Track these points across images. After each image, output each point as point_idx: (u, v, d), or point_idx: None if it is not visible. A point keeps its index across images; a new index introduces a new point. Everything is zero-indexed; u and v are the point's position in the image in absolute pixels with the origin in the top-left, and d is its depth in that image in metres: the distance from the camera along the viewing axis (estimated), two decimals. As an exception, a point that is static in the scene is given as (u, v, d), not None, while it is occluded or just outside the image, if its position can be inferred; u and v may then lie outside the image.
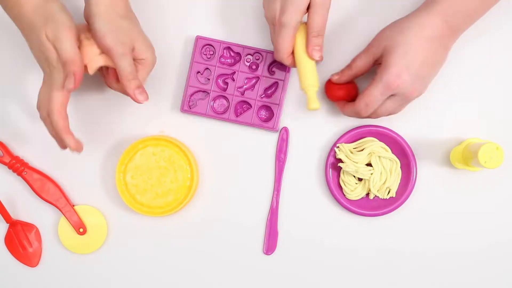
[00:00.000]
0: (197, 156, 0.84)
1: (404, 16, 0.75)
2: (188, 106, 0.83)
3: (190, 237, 0.86)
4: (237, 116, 0.83)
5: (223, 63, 0.84)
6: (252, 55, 0.83)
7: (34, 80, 0.85)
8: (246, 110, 0.84)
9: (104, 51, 0.73)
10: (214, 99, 0.84)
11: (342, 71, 0.79)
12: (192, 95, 0.83)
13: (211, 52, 0.84)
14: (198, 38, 0.83)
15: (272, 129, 0.83)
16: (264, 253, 0.85)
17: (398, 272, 0.85)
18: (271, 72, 0.83)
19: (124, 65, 0.73)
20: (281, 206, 0.85)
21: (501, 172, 0.82)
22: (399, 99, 0.75)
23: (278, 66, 0.83)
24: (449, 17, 0.73)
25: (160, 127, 0.85)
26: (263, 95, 0.83)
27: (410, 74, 0.72)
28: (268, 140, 0.85)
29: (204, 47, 0.83)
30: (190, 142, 0.85)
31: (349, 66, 0.79)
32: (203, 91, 0.83)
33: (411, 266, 0.85)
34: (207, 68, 0.83)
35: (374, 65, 0.77)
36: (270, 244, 0.85)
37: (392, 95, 0.74)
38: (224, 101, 0.84)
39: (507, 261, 0.84)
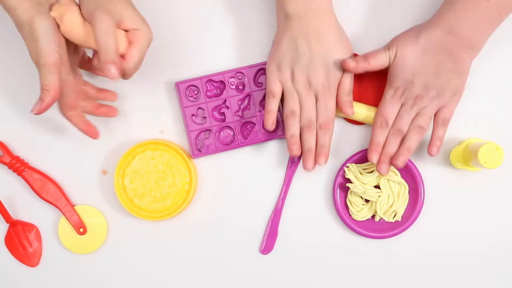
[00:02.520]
0: (196, 160, 0.84)
1: (418, 24, 0.77)
2: (197, 150, 0.83)
3: (189, 239, 0.86)
4: (245, 138, 0.83)
5: (210, 97, 0.83)
6: (234, 77, 0.83)
7: (34, 80, 0.84)
8: (252, 129, 0.83)
9: (87, 18, 0.67)
10: (219, 132, 0.83)
11: (359, 61, 0.77)
12: (196, 138, 0.83)
13: (196, 92, 0.83)
14: (177, 84, 0.82)
15: (283, 136, 0.83)
16: (260, 252, 0.85)
17: (397, 272, 0.85)
18: (258, 84, 0.83)
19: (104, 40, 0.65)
20: (285, 208, 0.85)
21: (501, 172, 0.82)
22: (410, 106, 0.77)
23: (263, 76, 0.83)
24: (454, 27, 0.73)
25: (159, 127, 0.85)
26: (261, 108, 0.83)
27: (410, 82, 0.76)
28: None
29: (187, 90, 0.83)
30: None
31: (366, 60, 0.77)
32: (205, 130, 0.83)
33: (410, 266, 0.85)
34: (199, 108, 0.83)
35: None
36: (268, 244, 0.84)
37: (403, 104, 0.77)
38: (229, 130, 0.83)
39: (507, 261, 0.84)
